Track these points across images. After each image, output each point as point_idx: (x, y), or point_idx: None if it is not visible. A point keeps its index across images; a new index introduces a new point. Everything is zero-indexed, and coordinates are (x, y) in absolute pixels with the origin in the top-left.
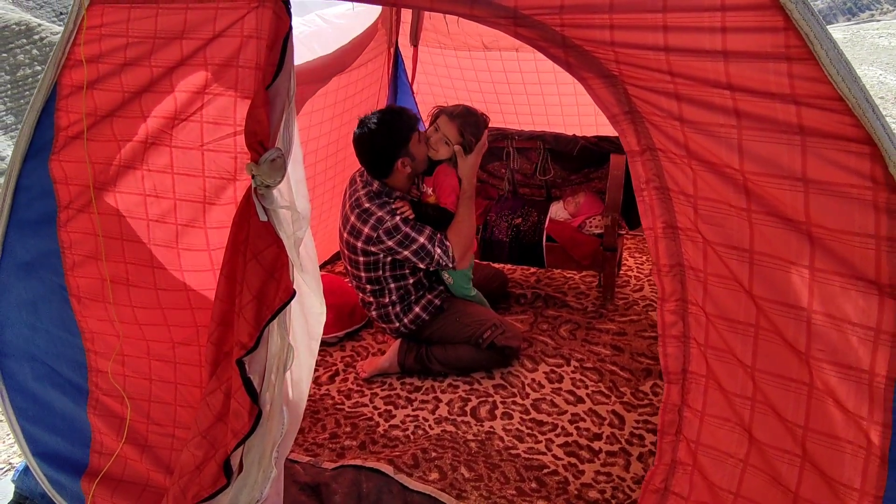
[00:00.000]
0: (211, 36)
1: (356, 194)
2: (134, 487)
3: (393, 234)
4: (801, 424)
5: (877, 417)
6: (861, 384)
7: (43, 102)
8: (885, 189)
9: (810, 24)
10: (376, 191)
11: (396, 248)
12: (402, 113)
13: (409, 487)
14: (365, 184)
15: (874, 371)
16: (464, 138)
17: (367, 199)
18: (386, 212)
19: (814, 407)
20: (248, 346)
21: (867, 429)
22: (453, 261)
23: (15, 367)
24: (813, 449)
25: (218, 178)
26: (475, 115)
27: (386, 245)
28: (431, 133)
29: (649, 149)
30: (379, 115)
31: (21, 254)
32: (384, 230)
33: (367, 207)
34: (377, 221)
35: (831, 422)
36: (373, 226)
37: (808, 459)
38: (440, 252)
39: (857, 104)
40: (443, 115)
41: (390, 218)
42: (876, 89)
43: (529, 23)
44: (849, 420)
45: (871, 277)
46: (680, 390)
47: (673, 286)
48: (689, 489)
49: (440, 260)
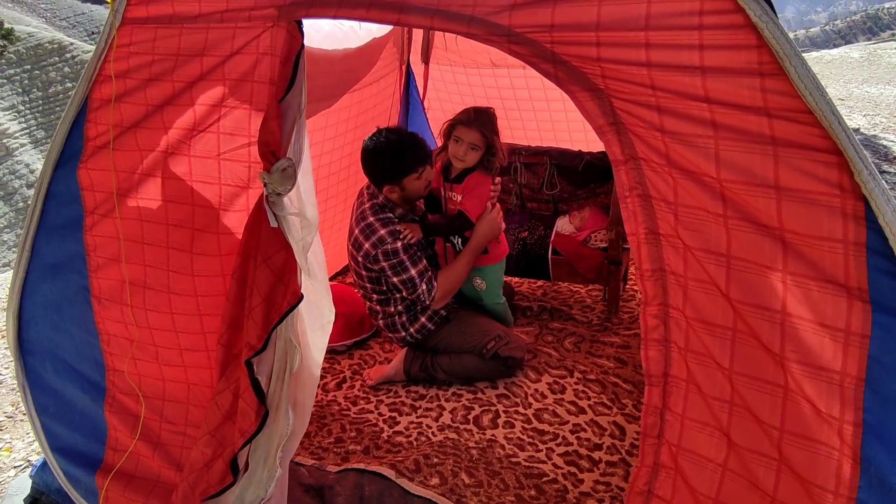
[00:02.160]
0: (229, 53)
1: (362, 206)
2: (146, 483)
3: (390, 258)
4: (777, 427)
5: (848, 417)
6: (832, 385)
7: (74, 115)
8: (852, 196)
9: (780, 42)
10: (381, 204)
11: (388, 270)
12: (415, 147)
13: (410, 492)
14: (371, 196)
15: (845, 372)
16: (487, 137)
17: (371, 212)
18: (388, 232)
19: (789, 409)
20: (257, 348)
21: (839, 429)
22: (432, 300)
23: (38, 365)
24: (789, 452)
25: (233, 186)
26: (486, 113)
27: (380, 265)
28: (453, 147)
29: (632, 158)
30: (394, 136)
31: (49, 256)
32: (383, 251)
33: (371, 222)
34: (378, 240)
35: (805, 423)
36: (373, 243)
37: (784, 462)
38: (424, 289)
39: (824, 116)
40: (458, 125)
41: (391, 241)
42: (892, 108)
43: (522, 40)
44: (822, 421)
45: (841, 281)
46: (661, 393)
47: (655, 290)
48: (672, 493)
49: (421, 296)
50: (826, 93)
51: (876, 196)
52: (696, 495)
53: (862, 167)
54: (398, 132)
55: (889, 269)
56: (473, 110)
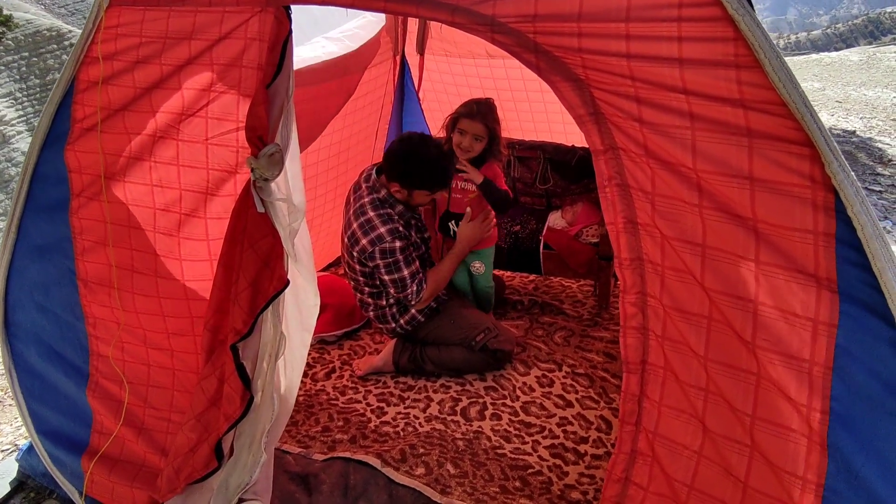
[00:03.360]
0: (217, 38)
1: (361, 201)
2: (130, 467)
3: (386, 256)
4: (750, 413)
5: (815, 405)
6: (802, 373)
7: (61, 96)
8: (823, 188)
9: (756, 35)
10: (382, 199)
11: (382, 268)
12: (445, 172)
13: (395, 481)
14: (370, 190)
15: (813, 360)
16: (490, 128)
17: (371, 207)
18: (387, 230)
19: (761, 396)
20: (242, 333)
21: (807, 416)
22: (418, 300)
23: (23, 349)
24: (760, 438)
25: (220, 171)
26: (487, 104)
27: (375, 262)
28: (458, 138)
29: (612, 148)
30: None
31: (36, 238)
32: (380, 249)
33: (371, 217)
34: (377, 238)
35: (777, 411)
36: (371, 240)
37: (756, 449)
38: (414, 290)
39: (797, 108)
40: (461, 118)
41: (390, 240)
42: (889, 111)
43: (505, 30)
44: (792, 408)
45: (811, 271)
46: (639, 381)
47: (633, 279)
48: (649, 480)
49: (410, 296)
50: (799, 85)
51: (845, 187)
52: (671, 482)
53: (832, 159)
54: (439, 149)
55: (857, 260)
56: (475, 102)
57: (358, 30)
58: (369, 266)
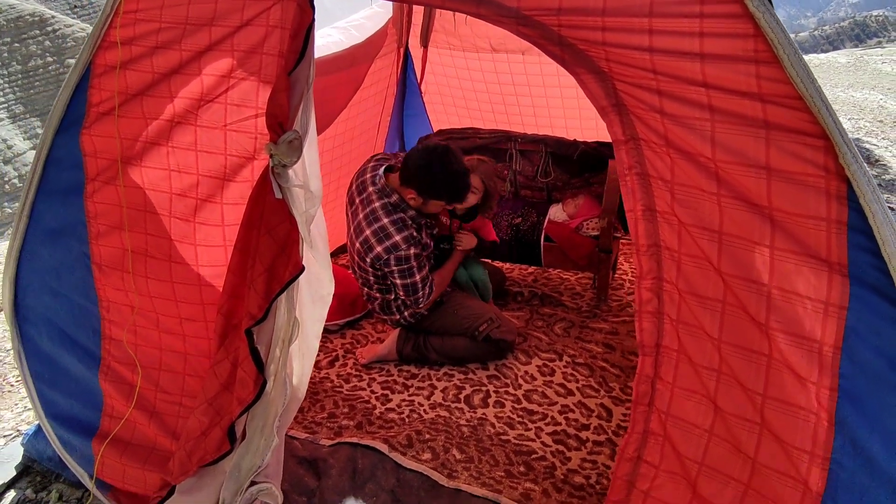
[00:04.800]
0: (238, 24)
1: (371, 205)
2: (142, 450)
3: (401, 263)
4: (761, 392)
5: (825, 383)
6: (812, 353)
7: (77, 80)
8: (836, 178)
9: (775, 31)
10: (394, 203)
11: (396, 273)
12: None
13: (402, 465)
14: (380, 194)
15: (824, 341)
16: (486, 183)
17: (383, 213)
18: (402, 238)
19: (772, 376)
20: (257, 317)
21: (816, 394)
22: (426, 301)
23: (34, 332)
24: (770, 416)
25: (238, 157)
26: (485, 163)
27: (390, 268)
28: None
29: (633, 138)
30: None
31: (49, 221)
32: (395, 257)
33: (385, 224)
34: (392, 246)
35: (786, 389)
36: (386, 248)
37: (765, 426)
38: (426, 293)
39: (814, 102)
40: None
41: (405, 248)
42: (875, 113)
43: (530, 23)
44: (801, 386)
45: (823, 256)
46: (653, 363)
47: (650, 265)
48: (660, 459)
49: (420, 299)
50: (816, 80)
51: (858, 177)
52: (682, 460)
53: (846, 150)
54: (461, 163)
55: (867, 246)
56: (476, 159)
57: (365, 20)
58: (383, 270)
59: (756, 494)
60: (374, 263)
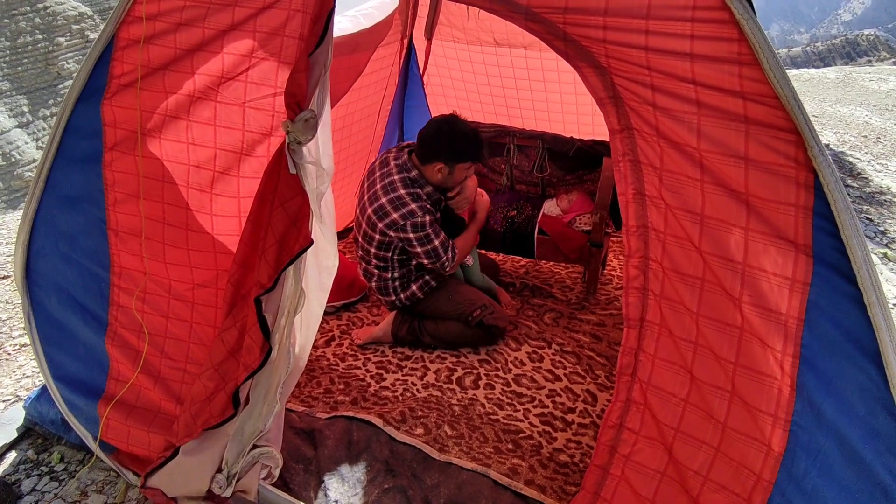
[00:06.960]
0: (261, 7)
1: (390, 177)
2: (147, 413)
3: (418, 230)
4: (732, 361)
5: (788, 351)
6: (778, 324)
7: (100, 52)
8: (805, 169)
9: (757, 37)
10: (413, 178)
11: (414, 241)
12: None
13: (396, 439)
14: (401, 169)
15: (789, 313)
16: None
17: (402, 185)
18: (418, 206)
19: (743, 346)
20: (266, 287)
21: (781, 361)
22: (452, 265)
23: (43, 296)
24: (740, 382)
25: (255, 133)
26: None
27: (406, 235)
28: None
29: (627, 128)
30: (473, 127)
31: (66, 188)
32: (412, 223)
33: (402, 195)
34: (409, 213)
35: (755, 358)
36: (403, 215)
37: (735, 393)
38: (450, 256)
39: (788, 101)
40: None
41: (421, 215)
42: (861, 128)
43: (538, 19)
44: (769, 355)
45: (791, 238)
46: (637, 336)
47: (638, 244)
48: (640, 425)
49: (445, 263)
50: (791, 82)
51: (823, 169)
52: (660, 426)
53: (814, 144)
54: (474, 127)
55: (830, 230)
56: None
57: (373, 9)
58: (395, 239)
59: (724, 457)
60: (388, 229)
